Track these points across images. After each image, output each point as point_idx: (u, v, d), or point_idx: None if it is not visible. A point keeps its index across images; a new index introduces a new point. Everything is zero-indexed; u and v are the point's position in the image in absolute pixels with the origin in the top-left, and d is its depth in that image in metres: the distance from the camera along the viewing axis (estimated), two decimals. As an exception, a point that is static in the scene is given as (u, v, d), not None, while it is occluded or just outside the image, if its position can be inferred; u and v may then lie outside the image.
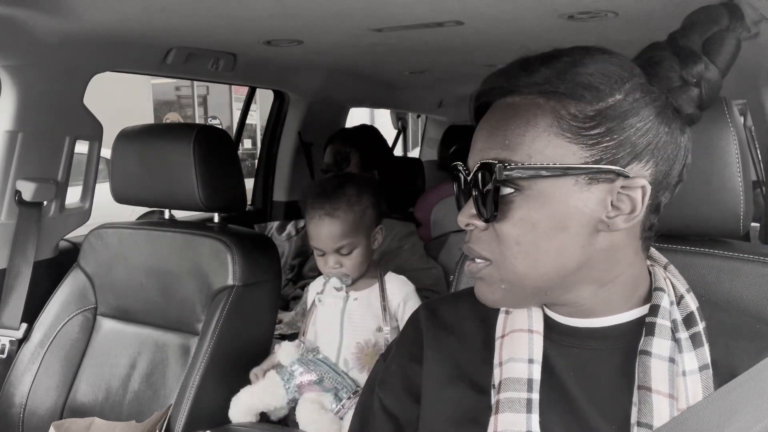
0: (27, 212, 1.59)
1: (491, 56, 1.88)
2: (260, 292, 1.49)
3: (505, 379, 0.67)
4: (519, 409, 0.65)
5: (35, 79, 1.49)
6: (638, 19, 1.36)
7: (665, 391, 0.62)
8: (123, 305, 1.55)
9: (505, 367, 0.68)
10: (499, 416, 0.65)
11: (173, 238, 1.52)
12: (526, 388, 0.66)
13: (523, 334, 0.69)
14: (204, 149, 1.46)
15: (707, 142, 0.79)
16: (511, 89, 0.65)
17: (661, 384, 0.63)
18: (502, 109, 0.65)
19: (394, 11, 1.30)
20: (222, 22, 1.39)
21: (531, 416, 0.64)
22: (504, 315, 0.73)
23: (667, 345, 0.64)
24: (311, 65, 2.11)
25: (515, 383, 0.66)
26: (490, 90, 0.67)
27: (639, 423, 0.62)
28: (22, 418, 1.49)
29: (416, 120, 4.72)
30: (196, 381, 1.35)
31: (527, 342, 0.69)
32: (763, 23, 1.06)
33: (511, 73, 0.65)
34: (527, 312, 0.71)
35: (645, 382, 0.63)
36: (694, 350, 0.64)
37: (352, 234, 1.37)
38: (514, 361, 0.68)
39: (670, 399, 0.62)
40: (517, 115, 0.63)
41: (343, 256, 1.38)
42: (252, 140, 11.00)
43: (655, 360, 0.64)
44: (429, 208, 2.31)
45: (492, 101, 0.68)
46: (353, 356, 1.42)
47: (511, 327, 0.71)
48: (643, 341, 0.65)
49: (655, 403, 0.62)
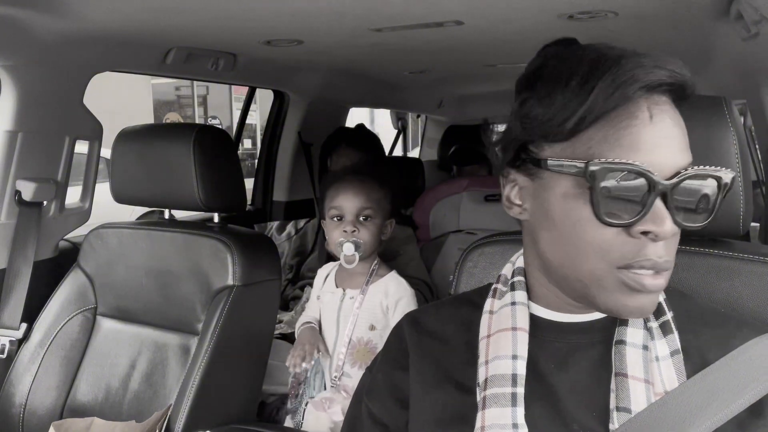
0: (27, 212, 1.59)
1: (491, 56, 1.88)
2: (260, 292, 1.49)
3: (491, 376, 0.69)
4: (504, 403, 0.67)
5: (35, 78, 1.49)
6: (638, 19, 1.36)
7: (641, 377, 0.66)
8: (123, 305, 1.55)
9: (491, 365, 0.70)
10: (486, 411, 0.67)
11: (173, 238, 1.52)
12: (510, 383, 0.68)
13: (508, 332, 0.71)
14: (204, 149, 1.46)
15: (707, 142, 0.79)
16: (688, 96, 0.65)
17: (636, 370, 0.66)
18: (684, 113, 0.65)
19: (394, 11, 1.30)
20: (222, 22, 1.39)
21: (516, 409, 0.67)
22: (488, 316, 0.75)
23: (640, 333, 0.68)
24: (311, 65, 2.12)
25: (500, 379, 0.68)
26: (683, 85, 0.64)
27: (618, 408, 0.65)
28: (22, 418, 1.49)
29: (416, 120, 4.72)
30: (196, 381, 1.35)
31: (511, 339, 0.70)
32: (763, 23, 1.06)
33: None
34: (511, 312, 0.73)
35: (621, 369, 0.66)
36: (665, 337, 0.68)
37: (374, 204, 1.47)
38: (499, 358, 0.70)
39: (646, 384, 0.65)
40: (697, 120, 0.65)
41: (361, 223, 1.46)
42: (252, 140, 11.00)
43: (630, 348, 0.67)
44: (428, 209, 2.31)
45: (663, 96, 0.64)
46: (346, 351, 1.45)
47: (497, 327, 0.73)
48: (618, 331, 0.69)
49: (632, 388, 0.65)
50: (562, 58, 0.66)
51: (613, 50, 0.63)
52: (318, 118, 2.58)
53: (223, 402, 1.41)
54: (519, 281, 0.75)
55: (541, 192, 0.67)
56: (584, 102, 0.61)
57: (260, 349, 1.52)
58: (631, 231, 0.61)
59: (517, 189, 0.71)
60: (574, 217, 0.63)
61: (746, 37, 1.15)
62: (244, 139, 10.24)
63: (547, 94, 0.64)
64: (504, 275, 0.79)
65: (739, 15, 1.13)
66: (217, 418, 1.37)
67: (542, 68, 0.68)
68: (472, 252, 1.05)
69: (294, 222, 2.43)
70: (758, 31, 1.10)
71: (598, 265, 0.63)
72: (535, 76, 0.68)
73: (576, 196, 0.63)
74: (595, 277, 0.64)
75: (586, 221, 0.62)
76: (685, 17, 1.34)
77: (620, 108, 0.61)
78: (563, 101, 0.62)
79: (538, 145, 0.66)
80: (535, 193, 0.68)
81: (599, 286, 0.64)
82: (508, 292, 0.75)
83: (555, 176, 0.65)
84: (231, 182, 1.54)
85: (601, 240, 0.62)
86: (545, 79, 0.66)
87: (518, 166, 0.70)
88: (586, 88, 0.61)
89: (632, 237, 0.61)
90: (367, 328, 1.46)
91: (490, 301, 0.77)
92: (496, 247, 1.04)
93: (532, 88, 0.66)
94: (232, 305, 1.41)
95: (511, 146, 0.70)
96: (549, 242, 0.68)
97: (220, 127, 1.66)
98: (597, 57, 0.63)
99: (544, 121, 0.64)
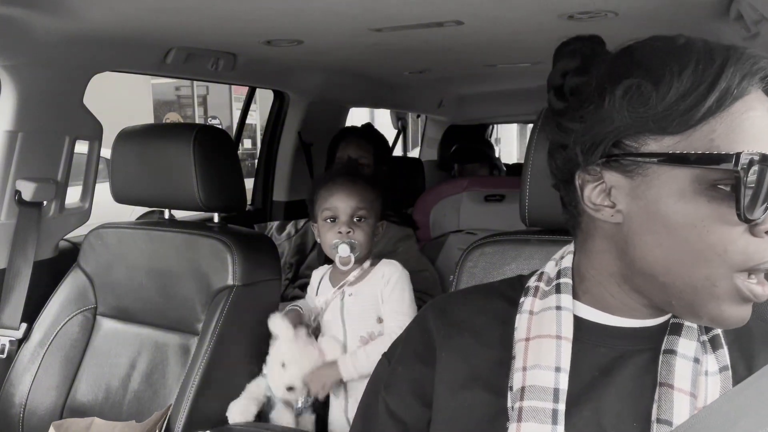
0: (27, 212, 1.59)
1: (491, 56, 1.88)
2: (260, 292, 1.49)
3: (530, 387, 0.65)
4: (544, 419, 0.63)
5: (35, 78, 1.49)
6: (638, 19, 1.36)
7: (687, 389, 0.62)
8: (123, 305, 1.55)
9: (529, 373, 0.65)
10: (522, 425, 0.63)
11: (173, 238, 1.52)
12: (552, 398, 0.64)
13: (551, 340, 0.66)
14: (204, 149, 1.46)
15: None
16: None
17: (683, 382, 0.62)
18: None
19: (394, 11, 1.30)
20: (222, 22, 1.39)
21: (556, 428, 0.63)
22: (527, 316, 0.70)
23: (693, 345, 0.64)
24: (311, 65, 2.12)
25: (540, 392, 0.64)
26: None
27: (659, 419, 0.62)
28: (22, 418, 1.49)
29: (416, 120, 4.72)
30: (196, 381, 1.35)
31: (555, 349, 0.65)
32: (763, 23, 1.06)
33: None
34: (556, 317, 0.67)
35: (667, 380, 0.63)
36: (714, 352, 0.65)
37: (368, 204, 1.47)
38: (540, 368, 0.65)
39: (691, 397, 0.62)
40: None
41: (355, 224, 1.45)
42: (252, 140, 11.00)
43: (680, 359, 0.64)
44: (428, 209, 2.31)
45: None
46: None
47: (538, 331, 0.68)
48: (668, 340, 0.65)
49: (676, 401, 0.62)
50: (657, 45, 0.62)
51: (707, 40, 0.60)
52: (318, 118, 2.58)
53: (223, 402, 1.41)
54: (565, 283, 0.70)
55: (645, 191, 0.60)
56: (711, 90, 0.56)
57: (260, 349, 1.52)
58: (756, 230, 0.57)
59: (602, 188, 0.64)
60: (694, 216, 0.57)
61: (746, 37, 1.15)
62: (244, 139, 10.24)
63: (659, 82, 0.58)
64: (547, 273, 0.73)
65: (739, 15, 1.12)
66: (217, 418, 1.37)
67: (631, 56, 0.63)
68: (473, 252, 1.05)
69: (294, 222, 2.43)
70: (758, 31, 1.10)
71: (717, 269, 0.58)
72: (627, 64, 0.62)
73: (697, 193, 0.57)
74: (710, 283, 0.58)
75: (712, 220, 0.57)
76: (685, 17, 1.34)
77: (741, 99, 0.57)
78: (683, 90, 0.57)
79: (640, 139, 0.60)
80: (634, 192, 0.61)
81: (710, 294, 0.59)
82: (553, 294, 0.69)
83: (667, 172, 0.58)
84: (231, 182, 1.54)
85: (727, 241, 0.57)
86: (648, 66, 0.60)
87: (608, 162, 0.62)
88: (709, 75, 0.57)
89: (755, 236, 0.57)
90: (375, 321, 1.45)
91: (530, 300, 0.71)
92: (496, 247, 1.04)
93: (634, 76, 0.60)
94: (232, 305, 1.41)
95: (608, 139, 0.62)
96: (653, 246, 0.61)
97: (220, 127, 1.66)
98: (706, 44, 0.59)
99: (662, 110, 0.58)
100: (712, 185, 0.57)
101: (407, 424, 0.75)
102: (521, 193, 0.96)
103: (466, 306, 0.77)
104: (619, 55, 0.65)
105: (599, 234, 0.67)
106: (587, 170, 0.64)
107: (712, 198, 0.57)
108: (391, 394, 0.76)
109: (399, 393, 0.76)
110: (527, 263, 1.00)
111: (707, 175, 0.57)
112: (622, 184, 0.62)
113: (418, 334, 0.77)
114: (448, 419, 0.71)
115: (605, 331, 0.68)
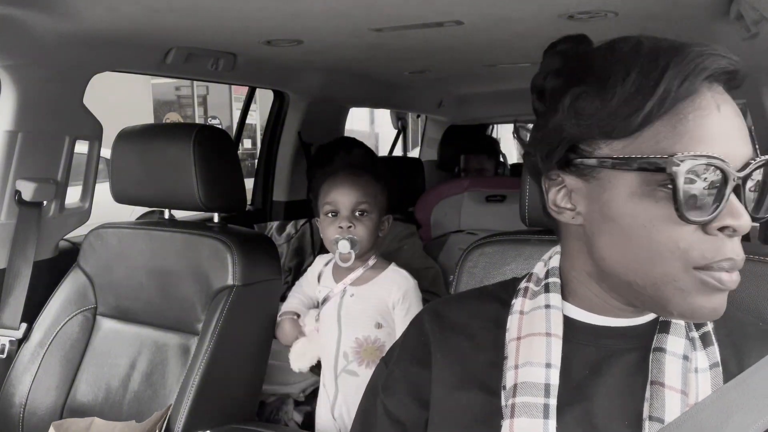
0: (27, 212, 1.59)
1: (491, 56, 1.88)
2: (260, 292, 1.49)
3: (522, 383, 0.66)
4: (536, 414, 0.64)
5: (35, 79, 1.49)
6: (638, 19, 1.36)
7: (677, 387, 0.63)
8: (123, 305, 1.55)
9: (521, 370, 0.67)
10: (515, 421, 0.64)
11: (173, 238, 1.52)
12: (543, 393, 0.65)
13: (542, 338, 0.67)
14: (204, 149, 1.46)
15: None
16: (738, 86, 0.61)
17: (673, 379, 0.63)
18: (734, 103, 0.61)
19: (394, 11, 1.30)
20: (222, 22, 1.39)
21: (548, 422, 0.64)
22: (518, 316, 0.71)
23: (681, 343, 0.65)
24: (311, 65, 2.11)
25: (532, 388, 0.65)
26: (735, 75, 0.60)
27: (650, 417, 0.62)
28: (22, 418, 1.49)
29: (416, 120, 4.72)
30: (196, 381, 1.35)
31: (545, 346, 0.67)
32: (763, 23, 1.06)
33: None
34: (545, 315, 0.69)
35: (658, 378, 0.64)
36: (705, 349, 0.65)
37: (370, 198, 1.43)
38: (531, 365, 0.66)
39: (682, 395, 0.63)
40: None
41: (356, 218, 1.42)
42: (252, 140, 11.00)
43: (670, 356, 0.64)
44: (429, 209, 2.31)
45: (715, 82, 0.60)
46: (352, 350, 1.44)
47: (529, 330, 0.69)
48: (658, 338, 0.66)
49: (668, 399, 0.62)
50: (611, 49, 0.62)
51: (660, 41, 0.60)
52: (318, 118, 2.58)
53: (223, 402, 1.41)
54: (554, 283, 0.71)
55: (599, 193, 0.62)
56: (652, 94, 0.57)
57: (260, 349, 1.52)
58: (708, 228, 0.57)
59: (565, 192, 0.66)
60: (644, 217, 0.59)
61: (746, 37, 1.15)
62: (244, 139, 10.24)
63: (603, 88, 0.60)
64: (536, 274, 0.75)
65: (739, 15, 1.12)
66: (217, 418, 1.37)
67: (586, 62, 0.64)
68: (473, 252, 1.05)
69: (294, 222, 2.43)
70: (758, 31, 1.10)
71: (674, 266, 0.59)
72: (581, 70, 0.63)
73: (645, 195, 0.59)
74: (670, 279, 0.59)
75: (660, 220, 0.58)
76: (685, 17, 1.34)
77: (686, 99, 0.57)
78: (625, 95, 0.58)
79: (592, 144, 0.62)
80: (590, 195, 0.63)
81: (675, 288, 0.59)
82: (542, 293, 0.71)
83: (617, 175, 0.60)
84: (231, 182, 1.54)
85: (678, 239, 0.58)
86: (598, 72, 0.61)
87: (566, 167, 0.64)
88: (651, 80, 0.57)
89: (708, 234, 0.58)
90: (374, 326, 1.43)
91: (520, 300, 0.73)
92: (497, 247, 1.04)
93: (584, 83, 0.62)
94: (232, 305, 1.41)
95: (561, 146, 0.64)
96: (611, 246, 0.62)
97: (220, 127, 1.66)
98: (654, 47, 0.59)
99: (605, 116, 0.59)
100: (658, 187, 0.58)
101: (405, 425, 0.76)
102: (521, 193, 0.96)
103: (460, 310, 0.78)
104: (577, 60, 0.66)
105: (571, 236, 0.69)
106: (548, 175, 0.67)
107: (659, 199, 0.58)
108: (389, 395, 0.78)
109: (397, 394, 0.77)
110: (527, 263, 1.00)
111: (652, 178, 0.58)
112: (580, 187, 0.64)
113: (414, 337, 0.79)
114: (445, 419, 0.72)
115: (594, 331, 0.69)
